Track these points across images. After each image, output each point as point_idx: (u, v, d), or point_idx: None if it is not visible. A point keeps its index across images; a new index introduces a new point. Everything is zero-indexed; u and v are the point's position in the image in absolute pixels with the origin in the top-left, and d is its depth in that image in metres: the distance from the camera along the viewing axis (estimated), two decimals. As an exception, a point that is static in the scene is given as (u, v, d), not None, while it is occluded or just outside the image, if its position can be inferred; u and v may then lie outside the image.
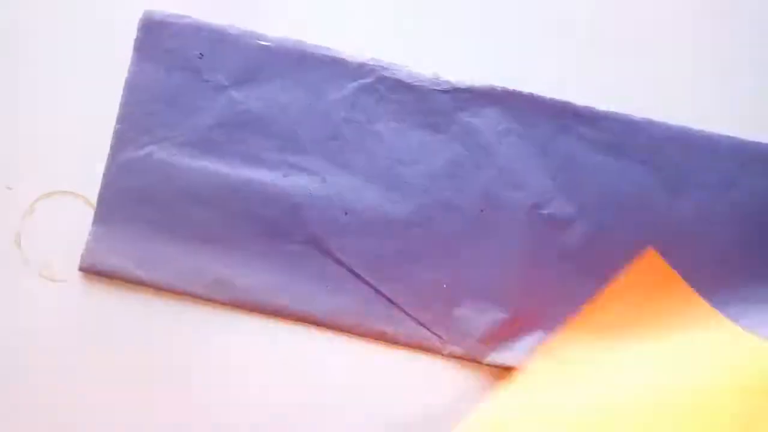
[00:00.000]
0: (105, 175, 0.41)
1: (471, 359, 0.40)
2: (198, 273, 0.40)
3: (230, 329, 0.40)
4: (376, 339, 0.40)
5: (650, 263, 0.39)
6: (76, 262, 0.40)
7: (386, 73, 0.41)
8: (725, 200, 0.40)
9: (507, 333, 0.40)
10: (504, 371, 0.40)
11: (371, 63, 0.41)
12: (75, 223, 0.41)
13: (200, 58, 0.41)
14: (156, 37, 0.41)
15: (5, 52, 0.42)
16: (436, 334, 0.40)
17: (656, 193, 0.40)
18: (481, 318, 0.40)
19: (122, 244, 0.40)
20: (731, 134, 0.41)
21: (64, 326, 0.40)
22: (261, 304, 0.40)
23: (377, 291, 0.40)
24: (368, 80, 0.41)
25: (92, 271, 0.40)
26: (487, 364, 0.40)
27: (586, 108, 0.41)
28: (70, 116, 0.42)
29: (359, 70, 0.41)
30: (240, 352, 0.40)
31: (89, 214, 0.41)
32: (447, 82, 0.41)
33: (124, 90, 0.41)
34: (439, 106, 0.41)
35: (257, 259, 0.40)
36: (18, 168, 0.42)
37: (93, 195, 0.41)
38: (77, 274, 0.40)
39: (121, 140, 0.41)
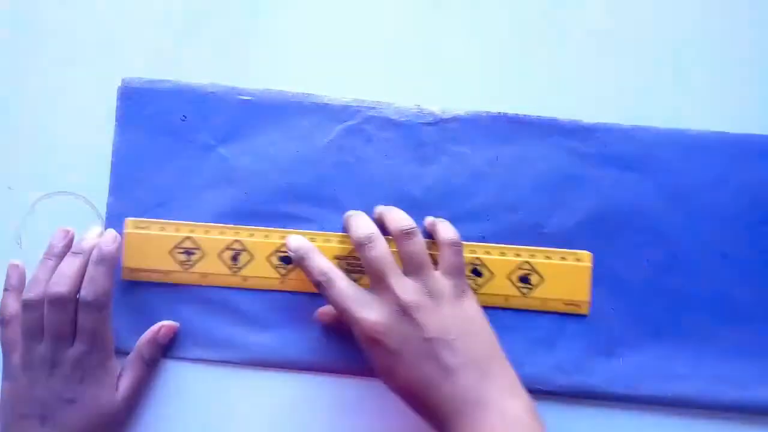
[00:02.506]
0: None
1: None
2: (207, 337, 0.40)
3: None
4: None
5: None
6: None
7: (372, 113, 0.41)
8: (721, 195, 0.40)
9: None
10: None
11: (354, 104, 0.41)
12: (75, 223, 0.40)
13: (184, 120, 0.41)
14: (136, 105, 0.41)
15: (6, 53, 0.43)
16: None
17: (653, 198, 0.40)
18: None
19: (127, 317, 0.40)
20: (721, 130, 0.41)
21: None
22: (276, 360, 0.40)
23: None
24: (354, 122, 0.41)
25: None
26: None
27: (572, 122, 0.41)
28: (71, 117, 0.42)
29: (343, 112, 0.41)
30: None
31: (89, 213, 0.41)
32: (432, 113, 0.41)
33: (112, 160, 0.41)
34: (426, 138, 0.41)
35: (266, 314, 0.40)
36: (18, 168, 0.42)
37: (92, 195, 0.41)
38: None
39: (113, 213, 0.41)
